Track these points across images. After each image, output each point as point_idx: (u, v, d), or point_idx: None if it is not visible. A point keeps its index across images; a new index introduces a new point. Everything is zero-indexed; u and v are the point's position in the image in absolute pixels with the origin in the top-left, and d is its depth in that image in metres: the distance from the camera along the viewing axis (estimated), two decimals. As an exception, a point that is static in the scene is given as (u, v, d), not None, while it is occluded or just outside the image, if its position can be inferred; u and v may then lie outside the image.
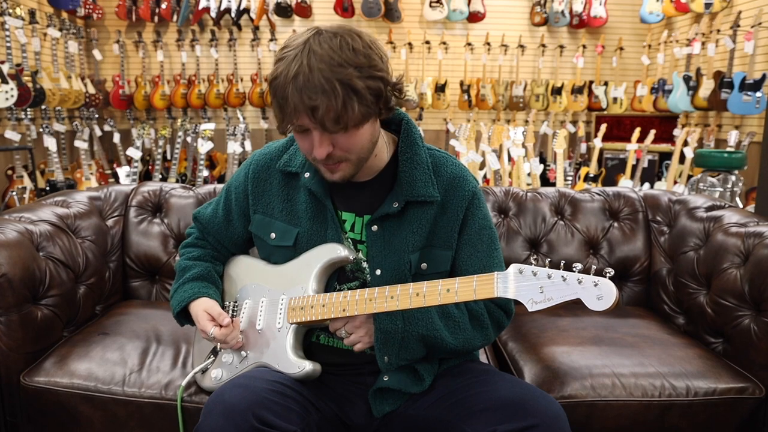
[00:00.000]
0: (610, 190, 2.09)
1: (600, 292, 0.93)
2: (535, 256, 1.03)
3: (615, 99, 5.66)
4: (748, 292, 1.57)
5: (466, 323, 1.22)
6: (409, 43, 5.69)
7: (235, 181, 1.37)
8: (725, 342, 1.63)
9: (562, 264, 0.98)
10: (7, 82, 3.94)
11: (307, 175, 1.24)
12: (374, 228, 1.21)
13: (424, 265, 1.22)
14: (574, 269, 0.95)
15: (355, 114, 1.04)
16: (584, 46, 5.73)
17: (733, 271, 1.64)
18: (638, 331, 1.68)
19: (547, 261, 1.00)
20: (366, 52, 1.05)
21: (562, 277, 0.96)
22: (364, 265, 1.24)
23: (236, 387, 1.07)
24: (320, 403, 1.18)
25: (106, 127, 5.29)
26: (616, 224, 2.00)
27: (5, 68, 3.96)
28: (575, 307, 1.90)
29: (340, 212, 1.25)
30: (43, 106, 4.50)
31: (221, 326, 1.23)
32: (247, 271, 1.36)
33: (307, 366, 1.16)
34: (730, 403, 1.43)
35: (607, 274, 0.94)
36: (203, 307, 1.26)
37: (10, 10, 4.09)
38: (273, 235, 1.28)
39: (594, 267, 0.96)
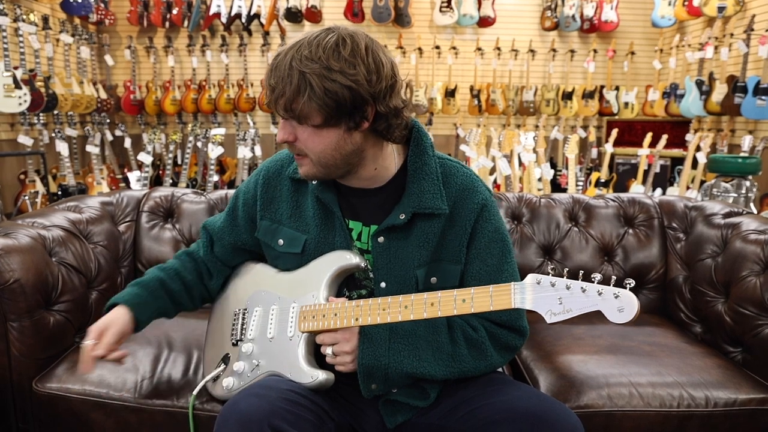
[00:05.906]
0: (624, 196, 2.06)
1: (621, 304, 0.91)
2: (552, 266, 1.01)
3: (626, 104, 5.63)
4: (768, 300, 1.55)
5: (462, 355, 1.17)
6: (419, 48, 5.68)
7: (245, 187, 1.37)
8: (744, 351, 1.60)
9: (580, 274, 0.96)
10: (20, 88, 3.97)
11: (314, 181, 1.23)
12: (380, 239, 1.20)
13: (433, 279, 1.20)
14: (593, 280, 0.93)
15: (304, 108, 1.06)
16: (595, 51, 5.70)
17: (752, 279, 1.61)
18: (655, 340, 1.65)
19: (565, 270, 0.98)
20: (351, 60, 1.04)
21: (582, 288, 0.93)
22: (371, 274, 1.22)
23: (251, 396, 1.06)
24: (334, 413, 1.16)
25: (117, 132, 5.33)
26: (631, 231, 1.98)
27: (19, 74, 3.99)
28: (590, 314, 1.88)
29: (347, 220, 1.24)
30: (55, 111, 4.54)
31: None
32: (256, 277, 1.35)
33: (320, 375, 1.15)
34: (750, 415, 1.40)
35: (628, 286, 0.92)
36: (106, 319, 1.27)
37: (24, 16, 4.12)
38: (281, 241, 1.27)
39: (614, 278, 0.93)
